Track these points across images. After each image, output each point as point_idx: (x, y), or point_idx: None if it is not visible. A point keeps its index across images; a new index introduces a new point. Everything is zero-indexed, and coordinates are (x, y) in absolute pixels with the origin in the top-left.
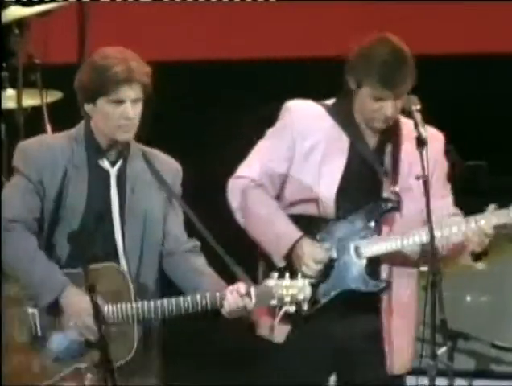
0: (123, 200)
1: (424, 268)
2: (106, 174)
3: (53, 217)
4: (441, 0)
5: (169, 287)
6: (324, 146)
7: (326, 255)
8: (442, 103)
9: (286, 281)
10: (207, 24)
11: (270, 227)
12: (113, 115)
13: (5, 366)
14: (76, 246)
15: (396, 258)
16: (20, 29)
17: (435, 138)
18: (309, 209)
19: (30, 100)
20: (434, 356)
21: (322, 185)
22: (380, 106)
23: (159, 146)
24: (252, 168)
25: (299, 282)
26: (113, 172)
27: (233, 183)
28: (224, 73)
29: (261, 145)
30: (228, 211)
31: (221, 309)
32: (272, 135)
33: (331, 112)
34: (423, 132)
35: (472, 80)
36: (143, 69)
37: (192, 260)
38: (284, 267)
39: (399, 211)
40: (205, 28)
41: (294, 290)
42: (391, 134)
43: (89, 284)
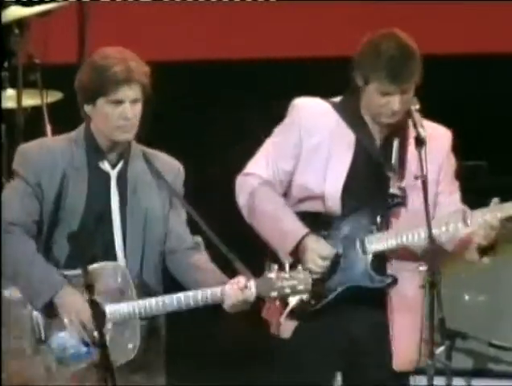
0: (124, 201)
1: (424, 267)
2: (107, 175)
3: (52, 219)
4: (441, 0)
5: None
6: (331, 143)
7: (332, 251)
8: (442, 103)
9: (286, 273)
10: (207, 24)
11: (277, 223)
12: (112, 115)
13: (4, 368)
14: (76, 246)
15: (402, 254)
16: (20, 29)
17: (443, 135)
18: (315, 206)
19: (30, 100)
20: (432, 355)
21: (328, 182)
22: (387, 101)
23: (160, 146)
24: (260, 165)
25: (300, 274)
26: (113, 174)
27: (241, 180)
28: (224, 73)
29: (268, 142)
30: (228, 211)
31: (223, 304)
32: (279, 132)
33: (338, 109)
34: (422, 131)
35: (472, 80)
36: (142, 69)
37: (194, 256)
38: (291, 264)
39: (405, 207)
40: (205, 28)
41: (294, 281)
42: (398, 130)
43: (88, 284)
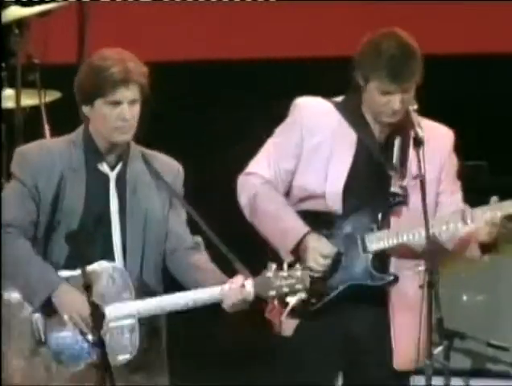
0: (123, 202)
1: (422, 268)
2: (105, 177)
3: (50, 220)
4: (441, 0)
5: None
6: (332, 142)
7: (333, 250)
8: (442, 103)
9: (284, 272)
10: (207, 24)
11: (278, 222)
12: (110, 116)
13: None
14: (74, 246)
15: (403, 252)
16: (20, 29)
17: (444, 135)
18: (317, 205)
19: (28, 100)
20: (430, 355)
21: (329, 181)
22: (388, 100)
23: (159, 147)
24: (261, 165)
25: (298, 272)
26: (112, 176)
27: (243, 180)
28: (224, 73)
29: (270, 142)
30: (228, 211)
31: (222, 304)
32: (281, 132)
33: (340, 108)
34: (420, 132)
35: (472, 80)
36: (140, 70)
37: (194, 256)
38: (290, 263)
39: (406, 206)
40: (205, 28)
41: (292, 280)
42: (400, 129)
43: (86, 284)
